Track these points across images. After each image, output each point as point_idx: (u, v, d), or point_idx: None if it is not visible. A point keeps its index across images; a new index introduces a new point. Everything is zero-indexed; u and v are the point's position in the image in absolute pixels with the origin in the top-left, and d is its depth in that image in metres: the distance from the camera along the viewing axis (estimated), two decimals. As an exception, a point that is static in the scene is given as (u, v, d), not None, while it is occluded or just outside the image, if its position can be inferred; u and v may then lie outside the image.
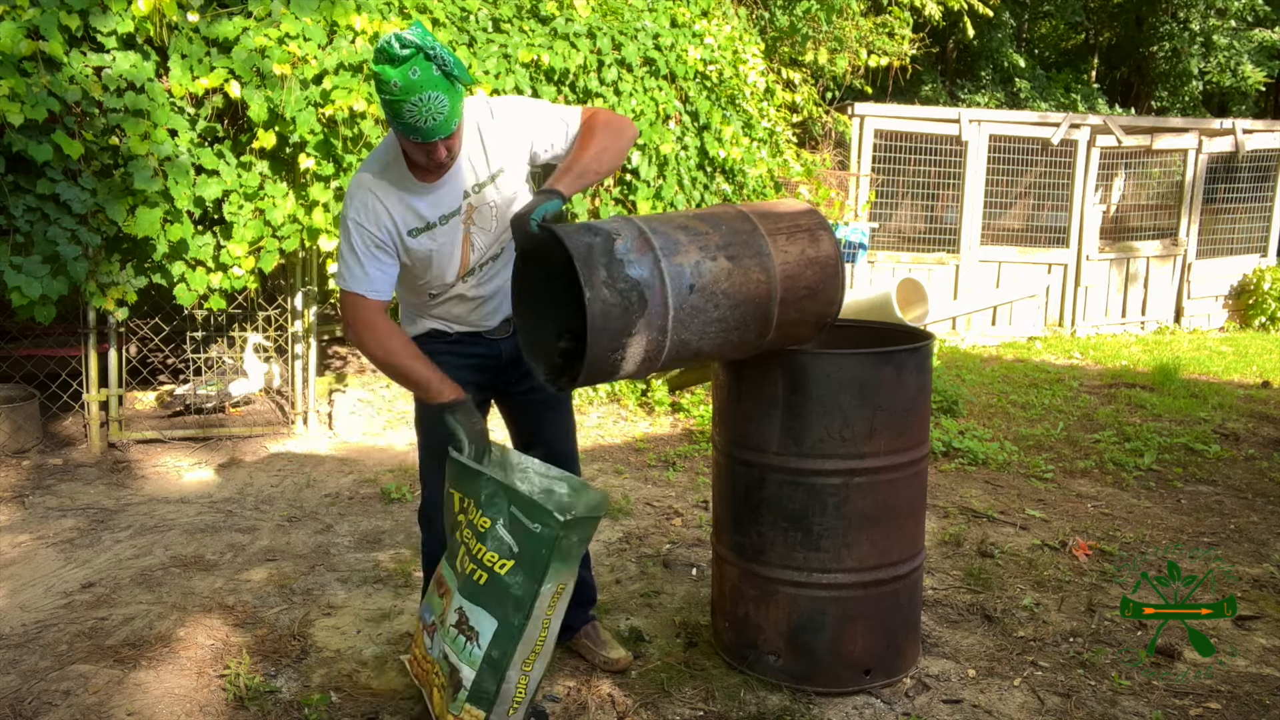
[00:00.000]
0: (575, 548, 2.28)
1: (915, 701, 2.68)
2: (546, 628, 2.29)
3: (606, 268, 2.11)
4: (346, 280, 2.41)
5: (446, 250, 2.45)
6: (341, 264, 2.43)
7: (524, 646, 2.27)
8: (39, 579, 3.44)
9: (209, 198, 4.59)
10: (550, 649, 2.34)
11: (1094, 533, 4.04)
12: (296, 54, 4.57)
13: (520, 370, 2.65)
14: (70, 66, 4.28)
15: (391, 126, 2.26)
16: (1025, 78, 14.88)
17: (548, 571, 2.22)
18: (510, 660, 2.27)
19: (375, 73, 2.16)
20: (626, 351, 2.15)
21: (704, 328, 2.26)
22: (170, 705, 2.62)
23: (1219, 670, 2.88)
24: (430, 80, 2.14)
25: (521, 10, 5.48)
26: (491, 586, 2.26)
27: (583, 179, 2.33)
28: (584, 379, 2.21)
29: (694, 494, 4.49)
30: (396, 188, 2.38)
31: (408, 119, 2.17)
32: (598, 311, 2.08)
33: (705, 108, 5.88)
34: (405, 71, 2.13)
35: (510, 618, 2.25)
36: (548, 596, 2.25)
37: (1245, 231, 10.04)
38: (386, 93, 2.16)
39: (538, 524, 2.21)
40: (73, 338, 5.08)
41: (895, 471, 2.65)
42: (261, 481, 4.60)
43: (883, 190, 8.90)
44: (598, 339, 2.10)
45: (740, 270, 2.30)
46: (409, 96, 2.14)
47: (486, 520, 2.28)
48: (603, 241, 2.15)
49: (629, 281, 2.13)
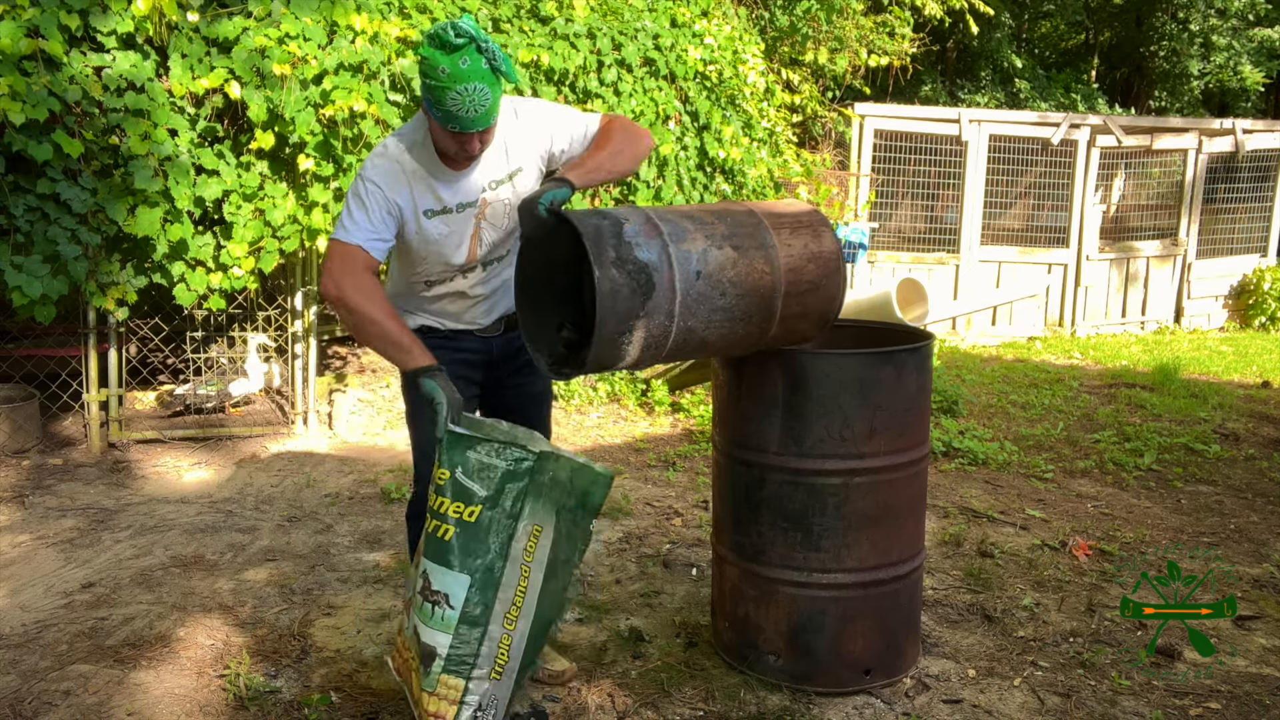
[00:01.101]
0: (549, 489, 2.21)
1: (915, 701, 2.68)
2: (526, 577, 2.20)
3: (615, 249, 2.11)
4: (348, 230, 2.34)
5: (455, 239, 2.44)
6: (345, 216, 2.36)
7: (504, 595, 2.18)
8: (39, 579, 3.44)
9: (209, 198, 4.59)
10: (533, 608, 2.24)
11: (1094, 533, 4.04)
12: (296, 54, 4.56)
13: (510, 366, 2.65)
14: (70, 66, 4.28)
15: (428, 112, 2.25)
16: (1025, 78, 14.88)
17: (523, 508, 2.17)
18: (490, 613, 2.18)
19: (423, 57, 2.16)
20: (633, 335, 2.14)
21: (710, 316, 2.26)
22: (170, 705, 2.62)
23: (1219, 670, 2.88)
24: (478, 72, 2.15)
25: (521, 10, 5.48)
26: (460, 537, 2.18)
27: (594, 174, 2.34)
28: (591, 363, 2.18)
29: (694, 494, 4.49)
30: (422, 166, 2.37)
31: (450, 106, 2.17)
32: (607, 291, 2.07)
33: (705, 108, 5.88)
34: (456, 60, 2.13)
35: (488, 564, 2.17)
36: (524, 537, 2.18)
37: (1245, 231, 10.04)
38: (433, 78, 2.15)
39: (506, 459, 2.17)
40: (73, 338, 5.08)
41: (895, 471, 2.65)
42: (261, 481, 4.60)
43: (883, 190, 8.90)
44: (606, 320, 2.09)
45: (745, 260, 2.31)
46: (455, 85, 2.14)
47: (445, 472, 2.22)
48: (611, 224, 2.16)
49: (637, 264, 2.13)
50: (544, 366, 2.33)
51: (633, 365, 2.28)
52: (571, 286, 2.38)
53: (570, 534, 2.30)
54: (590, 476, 2.30)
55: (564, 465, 2.26)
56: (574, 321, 2.37)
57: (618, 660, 2.89)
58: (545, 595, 2.27)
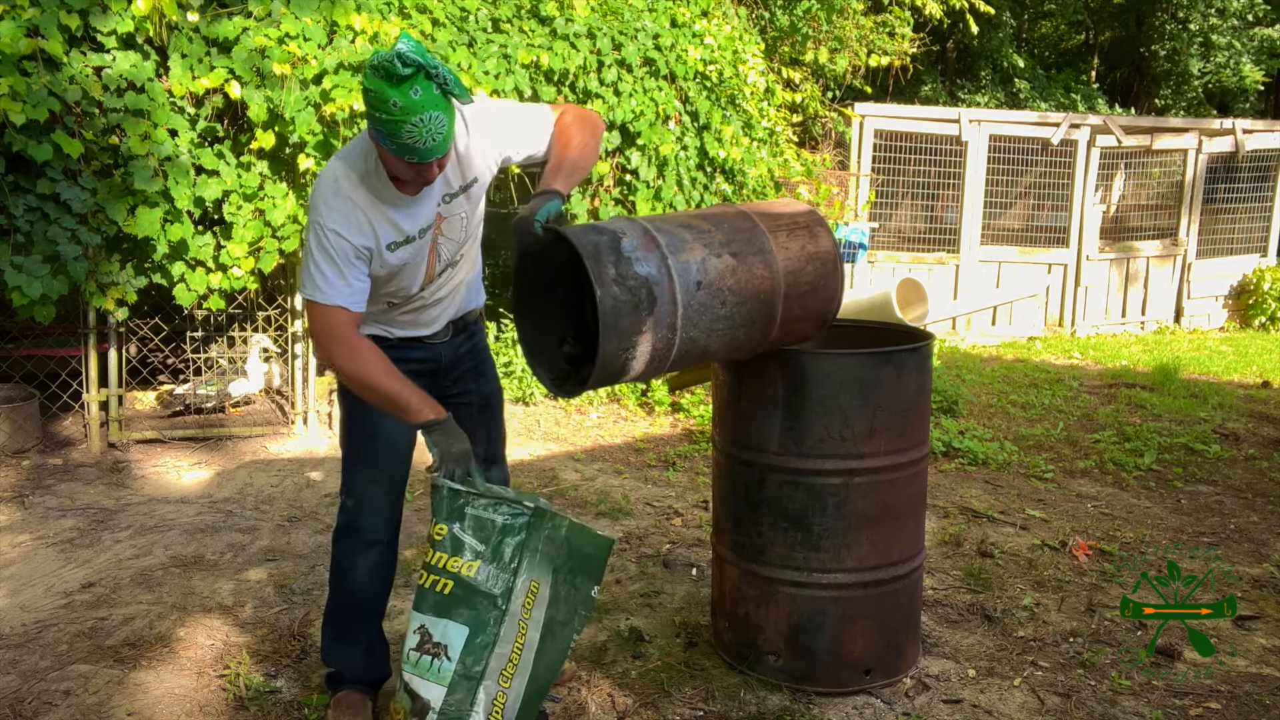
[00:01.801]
0: (545, 545, 2.21)
1: (915, 701, 2.68)
2: (524, 634, 2.21)
3: (615, 265, 2.10)
4: (325, 292, 2.22)
5: (416, 262, 2.36)
6: (315, 274, 2.22)
7: (501, 650, 2.19)
8: (39, 579, 3.44)
9: (209, 198, 4.59)
10: (529, 667, 2.23)
11: (1094, 533, 4.04)
12: (296, 54, 4.57)
13: (457, 371, 2.59)
14: (70, 66, 4.28)
15: (382, 145, 2.12)
16: (1025, 78, 14.88)
17: (521, 563, 2.18)
18: (486, 669, 2.18)
19: (371, 90, 2.02)
20: (637, 350, 2.14)
21: (712, 325, 2.26)
22: (170, 705, 2.62)
23: (1219, 670, 2.88)
24: (431, 100, 2.03)
25: (521, 10, 5.48)
26: (459, 592, 2.19)
27: (573, 176, 2.30)
28: (594, 380, 2.18)
29: (694, 494, 4.49)
30: (379, 200, 2.24)
31: (405, 139, 2.04)
32: (609, 309, 2.06)
33: (705, 108, 5.88)
34: (406, 91, 2.00)
35: (484, 616, 2.17)
36: (522, 593, 2.19)
37: (1245, 231, 10.04)
38: (385, 112, 2.02)
39: (502, 514, 2.17)
40: (73, 338, 5.08)
41: (895, 471, 2.65)
42: (261, 481, 4.60)
43: (883, 190, 8.90)
44: (609, 337, 2.09)
45: (745, 267, 2.30)
46: (409, 117, 2.02)
47: (443, 527, 2.22)
48: (609, 240, 2.14)
49: (638, 279, 2.12)
50: (547, 383, 2.32)
51: (636, 379, 2.27)
52: (571, 297, 2.35)
53: (569, 597, 2.26)
54: (589, 539, 2.27)
55: (560, 524, 2.24)
56: (576, 335, 2.35)
57: (618, 660, 2.89)
58: (542, 656, 2.25)
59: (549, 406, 5.91)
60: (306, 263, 2.25)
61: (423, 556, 2.30)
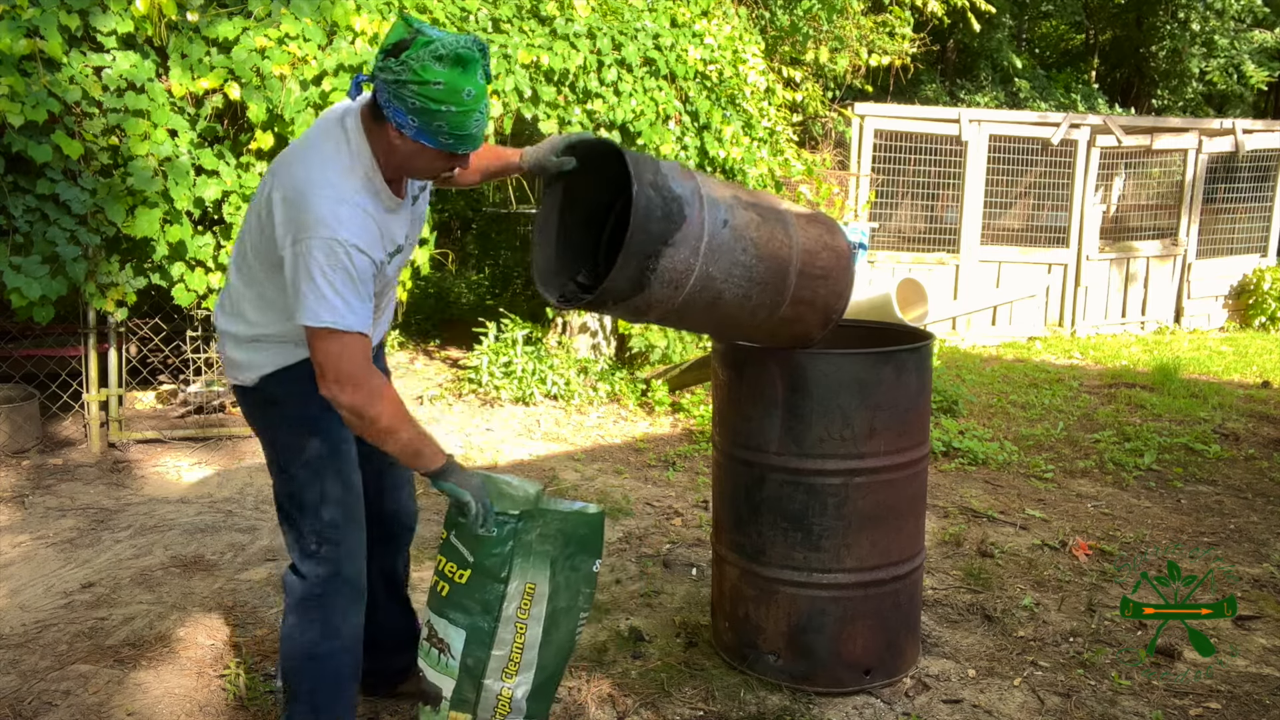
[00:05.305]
0: (539, 544, 2.22)
1: (915, 701, 2.68)
2: (523, 634, 2.24)
3: (654, 174, 2.15)
4: (339, 313, 1.88)
5: (395, 278, 2.20)
6: (333, 297, 1.87)
7: (498, 653, 2.23)
8: (39, 579, 3.44)
9: (209, 198, 4.59)
10: (533, 662, 2.27)
11: (1094, 533, 4.03)
12: (296, 55, 4.56)
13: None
14: (70, 66, 4.28)
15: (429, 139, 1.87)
16: (1025, 78, 14.88)
17: (511, 571, 2.20)
18: (485, 668, 2.24)
19: (437, 83, 1.78)
20: (659, 263, 2.14)
21: (730, 269, 2.27)
22: (170, 705, 2.61)
23: (1219, 670, 2.88)
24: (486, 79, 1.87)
25: (521, 10, 5.48)
26: (454, 596, 2.24)
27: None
28: (610, 284, 2.11)
29: (694, 494, 4.49)
30: (380, 205, 2.00)
31: (472, 129, 1.84)
32: (643, 205, 2.08)
33: (705, 107, 5.88)
34: (474, 76, 1.81)
35: (478, 623, 2.22)
36: (516, 597, 2.22)
37: (1245, 231, 10.03)
38: (456, 104, 1.80)
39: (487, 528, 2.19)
40: (72, 338, 5.08)
41: (895, 471, 2.65)
42: (261, 481, 4.60)
43: (883, 190, 8.90)
44: (637, 233, 2.08)
45: (768, 227, 2.35)
46: (478, 104, 1.82)
47: (445, 532, 2.30)
48: (650, 159, 2.20)
49: (671, 193, 2.16)
50: (553, 301, 2.28)
51: (644, 308, 2.21)
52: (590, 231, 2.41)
53: (570, 581, 2.28)
54: (581, 521, 2.29)
55: (553, 519, 2.24)
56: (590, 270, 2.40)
57: (618, 660, 2.89)
58: (548, 646, 2.28)
59: (549, 407, 5.91)
60: (314, 285, 1.88)
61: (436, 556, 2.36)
